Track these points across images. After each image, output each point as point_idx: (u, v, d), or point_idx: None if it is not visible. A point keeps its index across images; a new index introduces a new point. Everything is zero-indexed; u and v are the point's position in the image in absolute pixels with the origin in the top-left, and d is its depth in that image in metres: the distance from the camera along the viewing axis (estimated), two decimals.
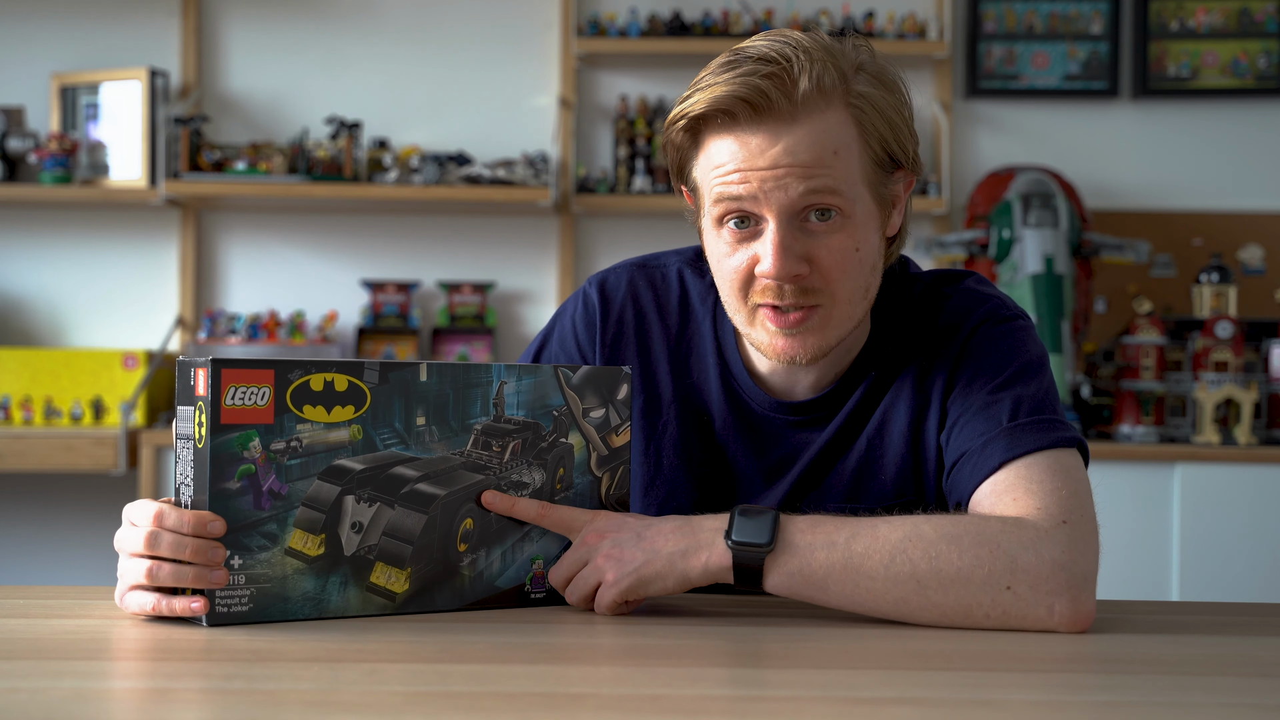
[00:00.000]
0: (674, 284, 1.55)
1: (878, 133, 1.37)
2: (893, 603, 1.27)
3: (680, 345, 1.53)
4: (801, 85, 1.33)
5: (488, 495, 1.33)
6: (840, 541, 1.27)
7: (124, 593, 1.24)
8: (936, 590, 1.26)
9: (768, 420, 1.49)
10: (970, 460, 1.38)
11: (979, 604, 1.26)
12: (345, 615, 1.26)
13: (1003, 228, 3.46)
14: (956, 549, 1.26)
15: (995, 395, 1.40)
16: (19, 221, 3.84)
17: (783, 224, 1.35)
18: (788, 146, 1.34)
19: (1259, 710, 1.00)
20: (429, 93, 3.84)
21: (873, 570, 1.26)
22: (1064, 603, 1.26)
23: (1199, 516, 3.20)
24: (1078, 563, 1.27)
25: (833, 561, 1.27)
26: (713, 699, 1.01)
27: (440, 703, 0.98)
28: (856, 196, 1.37)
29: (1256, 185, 3.82)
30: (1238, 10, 3.79)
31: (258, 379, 1.21)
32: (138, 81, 3.68)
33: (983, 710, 0.98)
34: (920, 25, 3.73)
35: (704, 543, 1.28)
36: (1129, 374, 3.45)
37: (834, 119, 1.35)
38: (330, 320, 3.75)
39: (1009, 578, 1.26)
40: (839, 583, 1.27)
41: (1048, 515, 1.29)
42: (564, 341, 1.56)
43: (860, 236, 1.38)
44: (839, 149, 1.35)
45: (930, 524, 1.28)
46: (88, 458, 3.34)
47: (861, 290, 1.40)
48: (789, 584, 1.28)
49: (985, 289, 1.50)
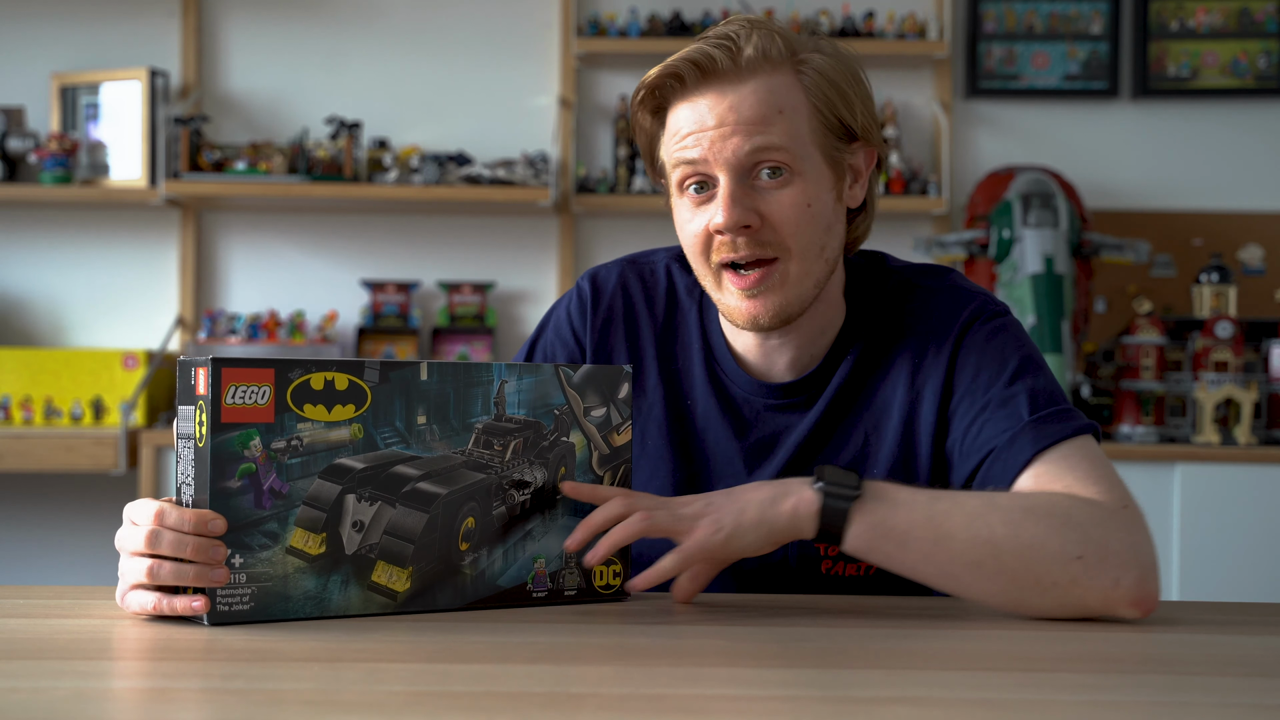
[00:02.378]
0: (661, 277, 1.60)
1: (826, 98, 1.42)
2: (967, 566, 1.28)
3: (666, 333, 1.57)
4: (746, 51, 1.41)
5: (568, 485, 1.35)
6: (922, 501, 1.30)
7: (125, 592, 1.24)
8: (1012, 555, 1.28)
9: (748, 402, 1.52)
10: (1000, 456, 1.39)
11: (1048, 572, 1.27)
12: (346, 614, 1.25)
13: (1003, 228, 3.46)
14: (1033, 519, 1.29)
15: (1009, 390, 1.43)
16: (19, 221, 3.84)
17: (733, 179, 1.41)
18: (733, 104, 1.40)
19: (1259, 710, 1.00)
20: (429, 93, 3.85)
21: (954, 530, 1.28)
22: (1131, 578, 1.28)
23: (1199, 516, 3.20)
24: (1143, 546, 1.30)
25: (915, 518, 1.29)
26: (713, 699, 1.01)
27: (440, 703, 0.98)
28: (805, 155, 1.42)
29: (1256, 185, 3.82)
30: (1238, 10, 3.79)
31: (258, 378, 1.21)
32: (138, 81, 3.68)
33: (982, 710, 0.98)
34: (920, 25, 3.73)
35: (792, 489, 1.31)
36: (1129, 374, 3.45)
37: (780, 81, 1.41)
38: (330, 320, 3.75)
39: (1080, 548, 1.28)
40: (919, 540, 1.29)
41: (1112, 499, 1.32)
42: (559, 329, 1.60)
43: (812, 193, 1.42)
44: (784, 108, 1.41)
45: (1004, 496, 1.32)
46: (88, 458, 3.34)
47: (817, 247, 1.44)
48: (870, 536, 1.29)
49: (970, 285, 1.53)
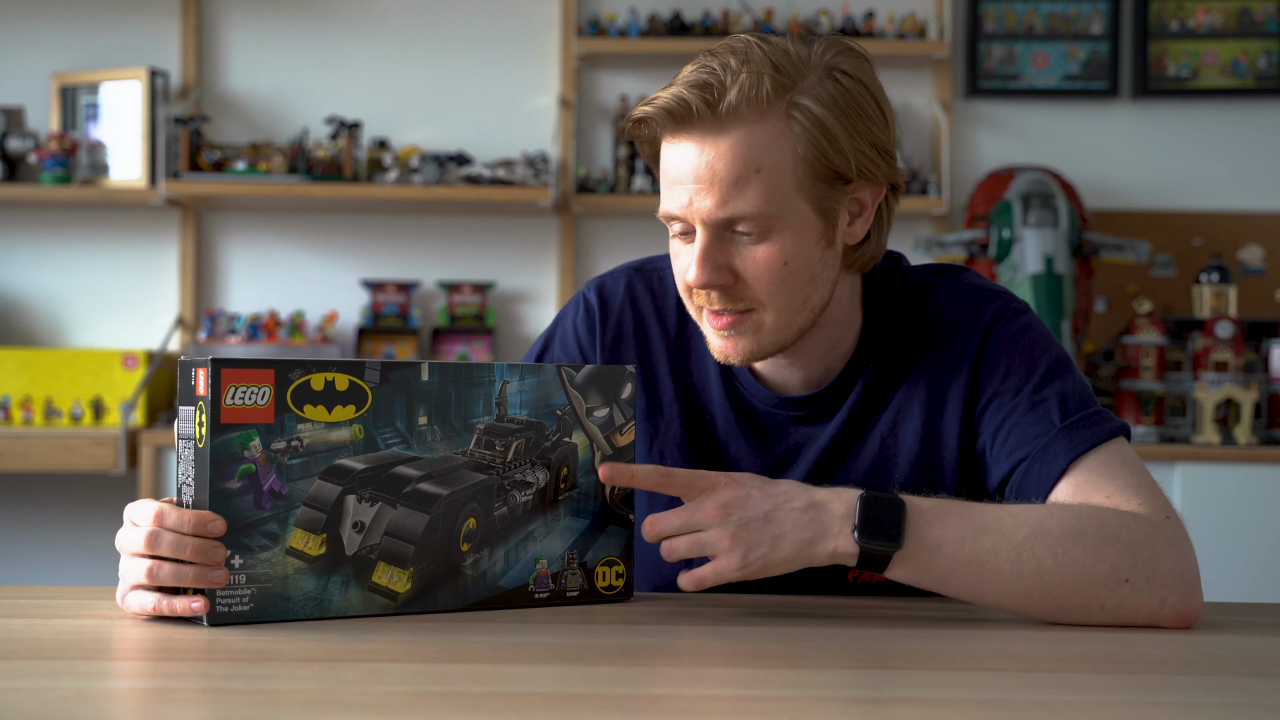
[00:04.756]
0: (670, 286, 1.54)
1: (816, 145, 1.34)
2: (1013, 598, 1.28)
3: (679, 346, 1.53)
4: (729, 97, 1.32)
5: (605, 468, 1.34)
6: (968, 538, 1.28)
7: (125, 593, 1.24)
8: (1059, 586, 1.27)
9: (768, 416, 1.49)
10: (1035, 465, 1.37)
11: (1097, 598, 1.27)
12: (346, 615, 1.25)
13: (1003, 228, 3.46)
14: (1081, 546, 1.27)
15: (1038, 395, 1.40)
16: (19, 221, 3.84)
17: (708, 235, 1.36)
18: (709, 160, 1.33)
19: (1259, 710, 1.00)
20: (429, 93, 3.84)
21: (999, 567, 1.27)
22: (1176, 597, 1.27)
23: (1199, 516, 3.19)
24: (1188, 560, 1.29)
25: (959, 558, 1.27)
26: (713, 699, 1.01)
27: (440, 703, 0.98)
28: (787, 211, 1.35)
29: (1256, 185, 3.82)
30: (1238, 10, 3.79)
31: (258, 379, 1.21)
32: (138, 81, 3.68)
33: (984, 710, 0.98)
34: (920, 25, 3.73)
35: (831, 531, 1.28)
36: (1129, 374, 3.45)
37: (763, 132, 1.33)
38: (330, 320, 3.75)
39: (1128, 570, 1.27)
40: (963, 578, 1.28)
41: (1154, 510, 1.31)
42: (565, 345, 1.56)
43: (791, 249, 1.36)
44: (763, 165, 1.33)
45: (1055, 518, 1.29)
46: (88, 458, 3.34)
47: (799, 301, 1.39)
48: (911, 575, 1.29)
49: (987, 284, 1.49)
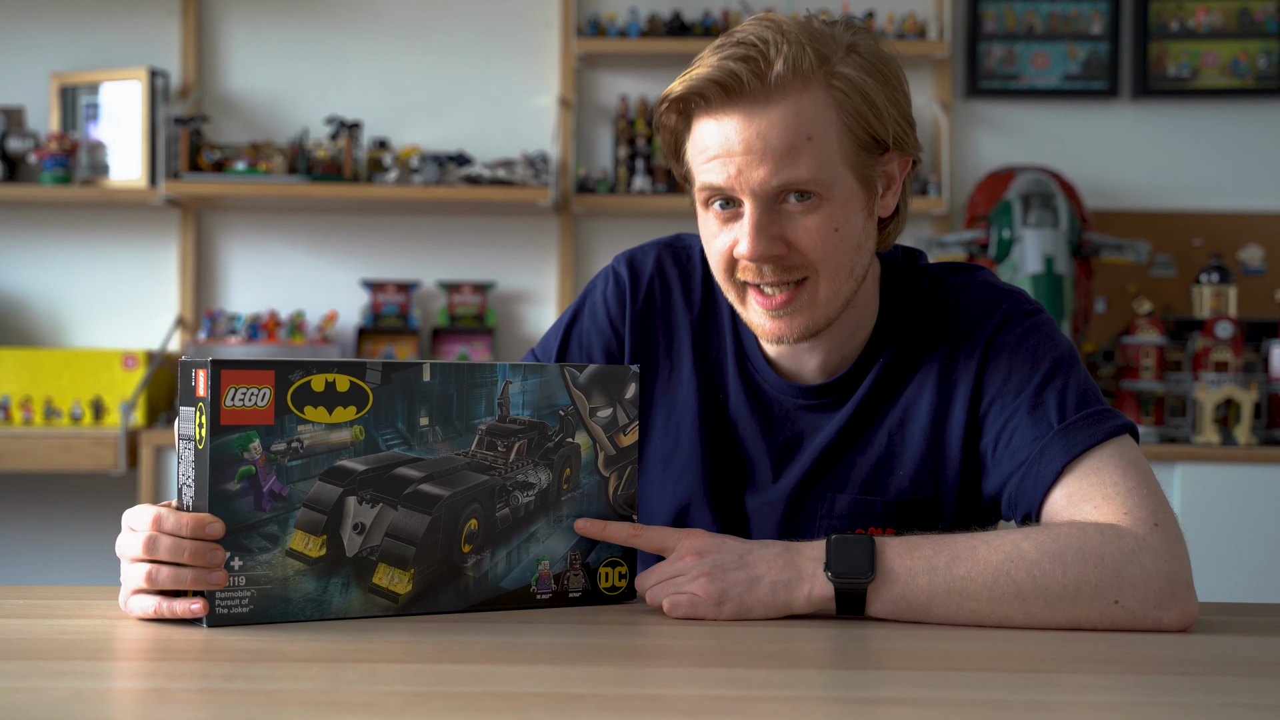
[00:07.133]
0: (698, 263, 1.55)
1: (858, 112, 1.36)
2: (998, 621, 1.27)
3: (703, 322, 1.54)
4: (776, 67, 1.34)
5: (580, 523, 1.35)
6: (941, 565, 1.28)
7: (127, 597, 1.24)
8: (1042, 608, 1.26)
9: (778, 401, 1.50)
10: (1031, 469, 1.37)
11: (1086, 618, 1.26)
12: (347, 617, 1.25)
13: (1003, 228, 3.46)
14: (1060, 566, 1.26)
15: (1039, 396, 1.39)
16: (19, 221, 3.84)
17: (759, 207, 1.36)
18: (760, 130, 1.34)
19: (1259, 710, 1.00)
20: (429, 93, 3.84)
21: (976, 593, 1.27)
22: (1172, 613, 1.27)
23: (1199, 516, 3.20)
24: (1179, 569, 1.28)
25: (935, 586, 1.27)
26: (713, 699, 1.01)
27: (440, 703, 0.98)
28: (835, 179, 1.37)
29: (1256, 185, 3.82)
30: (1238, 10, 3.79)
31: (258, 380, 1.21)
32: (138, 81, 3.68)
33: (983, 710, 0.98)
34: (920, 25, 3.73)
35: (805, 574, 1.29)
36: (1129, 374, 3.45)
37: (810, 101, 1.35)
38: (330, 320, 3.75)
39: (1116, 592, 1.26)
40: (943, 605, 1.27)
41: (1138, 520, 1.30)
42: (595, 315, 1.56)
43: (840, 217, 1.38)
44: (814, 133, 1.35)
45: (1030, 541, 1.28)
46: (88, 458, 3.34)
47: (846, 269, 1.40)
48: (892, 609, 1.29)
49: (1001, 283, 1.49)
